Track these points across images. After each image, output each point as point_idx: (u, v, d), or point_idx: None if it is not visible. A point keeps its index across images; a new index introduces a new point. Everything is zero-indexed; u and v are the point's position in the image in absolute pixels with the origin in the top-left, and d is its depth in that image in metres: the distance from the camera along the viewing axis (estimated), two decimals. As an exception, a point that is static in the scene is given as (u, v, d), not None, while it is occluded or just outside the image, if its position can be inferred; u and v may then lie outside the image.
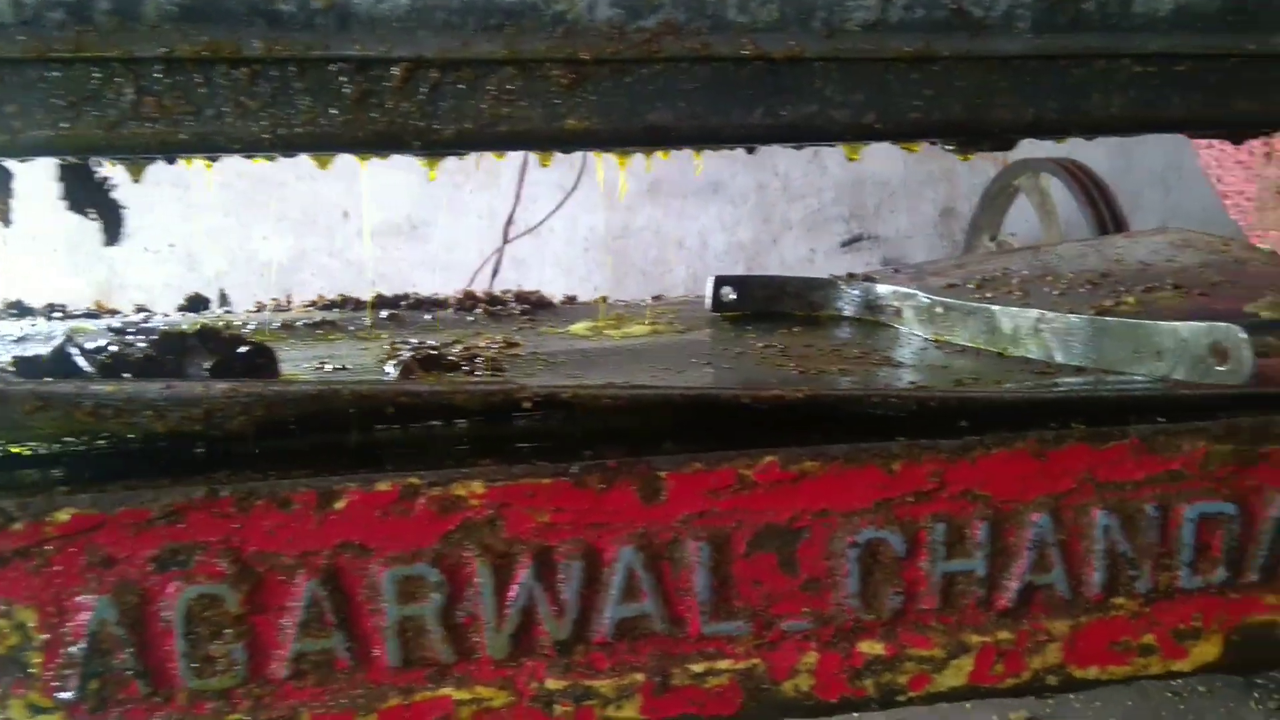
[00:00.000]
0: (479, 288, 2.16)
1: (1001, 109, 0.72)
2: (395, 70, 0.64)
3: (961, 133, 0.74)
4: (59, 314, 1.23)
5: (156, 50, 0.61)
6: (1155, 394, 0.73)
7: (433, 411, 0.64)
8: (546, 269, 3.84)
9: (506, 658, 0.64)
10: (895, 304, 1.08)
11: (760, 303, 1.17)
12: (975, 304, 0.95)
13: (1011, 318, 0.90)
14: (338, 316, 1.24)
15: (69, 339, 0.67)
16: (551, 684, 0.65)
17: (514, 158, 4.07)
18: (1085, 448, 0.68)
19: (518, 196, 3.75)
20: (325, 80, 0.64)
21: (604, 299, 1.30)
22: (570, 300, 1.31)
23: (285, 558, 0.61)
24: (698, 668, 0.66)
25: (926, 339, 1.01)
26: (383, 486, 0.62)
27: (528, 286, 1.29)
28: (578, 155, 4.32)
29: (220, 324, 1.12)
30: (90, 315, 1.25)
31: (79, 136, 0.63)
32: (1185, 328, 0.75)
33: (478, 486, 0.63)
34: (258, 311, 1.31)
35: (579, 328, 1.11)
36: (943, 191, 4.31)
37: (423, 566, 0.63)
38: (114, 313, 1.28)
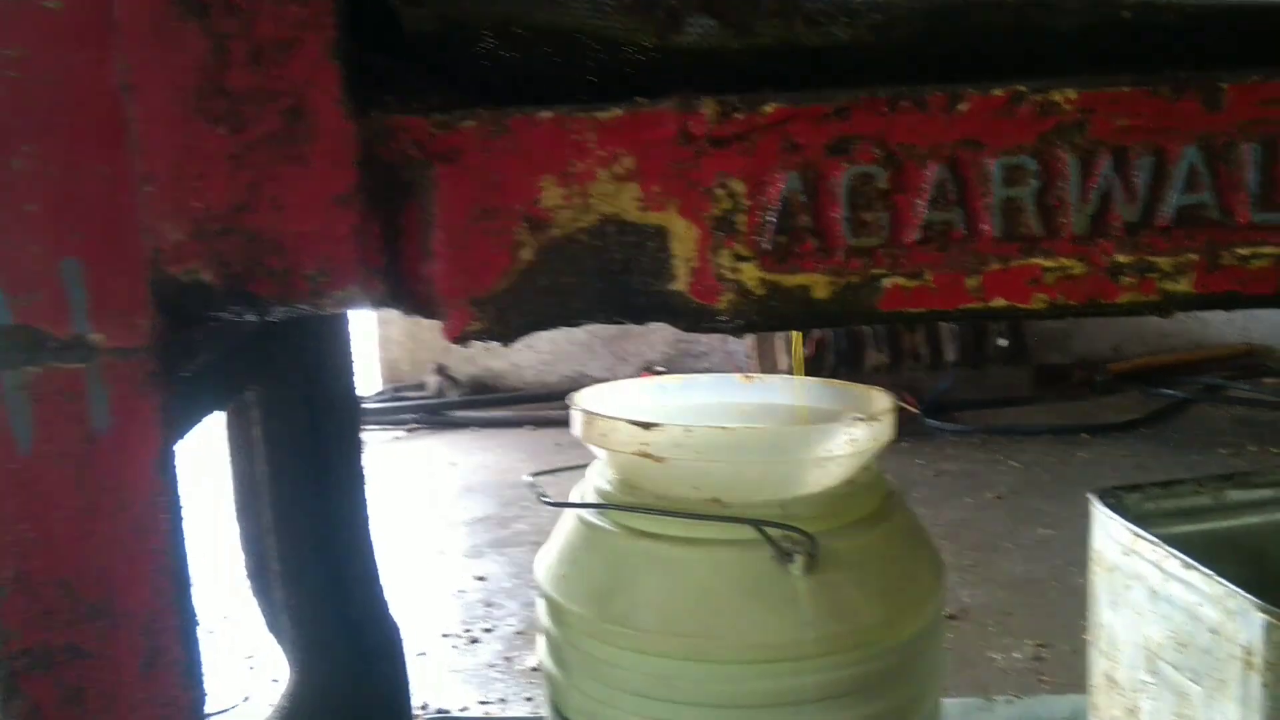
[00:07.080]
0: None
1: None
2: None
3: None
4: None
5: None
6: None
7: (1033, 31, 0.81)
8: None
9: (1085, 235, 0.82)
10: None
11: None
12: None
13: None
14: None
15: None
16: (1120, 258, 0.82)
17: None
18: None
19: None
20: None
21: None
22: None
23: (920, 148, 0.81)
24: (1244, 251, 0.81)
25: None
26: (996, 92, 0.80)
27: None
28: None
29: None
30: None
31: None
32: None
33: (1071, 94, 0.80)
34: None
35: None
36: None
37: (1023, 158, 0.81)
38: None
